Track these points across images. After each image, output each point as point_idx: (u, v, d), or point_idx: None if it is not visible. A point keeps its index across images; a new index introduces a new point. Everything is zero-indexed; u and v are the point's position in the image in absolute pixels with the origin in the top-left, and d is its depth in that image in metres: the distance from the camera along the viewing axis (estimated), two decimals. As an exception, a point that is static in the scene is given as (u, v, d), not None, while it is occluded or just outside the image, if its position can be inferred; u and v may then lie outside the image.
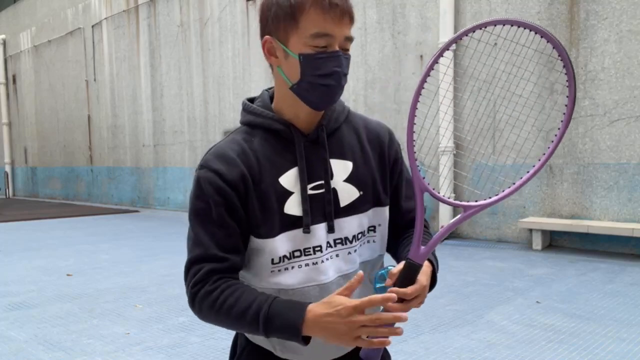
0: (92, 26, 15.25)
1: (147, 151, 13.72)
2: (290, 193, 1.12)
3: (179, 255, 7.04)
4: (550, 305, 4.40)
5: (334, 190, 1.15)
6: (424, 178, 1.09)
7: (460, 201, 1.11)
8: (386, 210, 1.22)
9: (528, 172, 1.14)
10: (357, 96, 8.83)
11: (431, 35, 7.85)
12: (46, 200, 17.89)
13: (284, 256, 1.12)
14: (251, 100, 1.24)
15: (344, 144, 1.19)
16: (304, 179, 1.13)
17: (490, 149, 7.35)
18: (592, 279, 5.23)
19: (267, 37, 1.13)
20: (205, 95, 11.94)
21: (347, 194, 1.16)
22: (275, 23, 1.10)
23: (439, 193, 1.12)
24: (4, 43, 19.92)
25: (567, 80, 1.06)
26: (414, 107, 1.11)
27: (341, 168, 1.17)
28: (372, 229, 1.21)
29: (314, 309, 1.00)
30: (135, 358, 3.50)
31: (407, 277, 1.04)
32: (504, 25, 1.07)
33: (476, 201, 1.09)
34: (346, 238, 1.17)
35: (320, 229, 1.14)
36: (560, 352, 3.41)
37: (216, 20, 11.53)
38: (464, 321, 4.06)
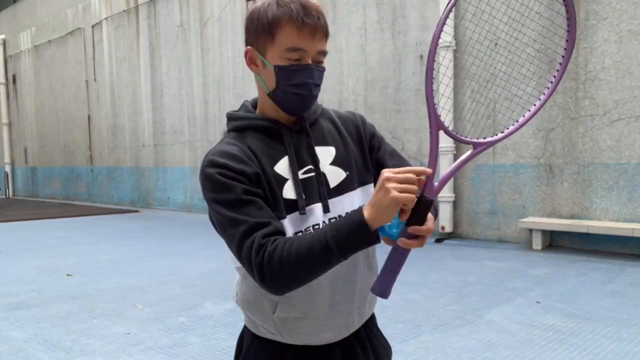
0: (92, 26, 15.25)
1: (147, 151, 13.72)
2: (285, 179, 1.21)
3: (179, 255, 7.04)
4: (550, 305, 4.40)
5: (323, 174, 1.25)
6: (439, 116, 1.14)
7: (471, 140, 1.17)
8: (372, 187, 1.30)
9: (529, 110, 1.18)
10: (357, 96, 8.82)
11: (431, 35, 7.82)
12: (46, 200, 17.88)
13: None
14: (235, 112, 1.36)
15: (324, 132, 1.30)
16: (294, 165, 1.22)
17: (491, 149, 7.35)
18: (592, 279, 5.23)
19: (248, 47, 1.24)
20: (205, 95, 11.94)
21: (335, 175, 1.26)
22: (256, 36, 1.21)
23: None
24: (4, 43, 19.91)
25: (567, 19, 1.16)
26: (434, 49, 1.16)
27: (326, 153, 1.27)
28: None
29: (365, 206, 1.06)
30: (135, 358, 3.50)
31: (421, 213, 1.08)
32: None
33: (485, 138, 1.16)
34: (339, 216, 1.23)
35: (316, 208, 1.22)
36: (560, 352, 3.41)
37: (216, 20, 11.53)
38: (464, 321, 4.06)
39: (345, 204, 1.25)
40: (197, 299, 4.84)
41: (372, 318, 1.40)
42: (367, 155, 1.33)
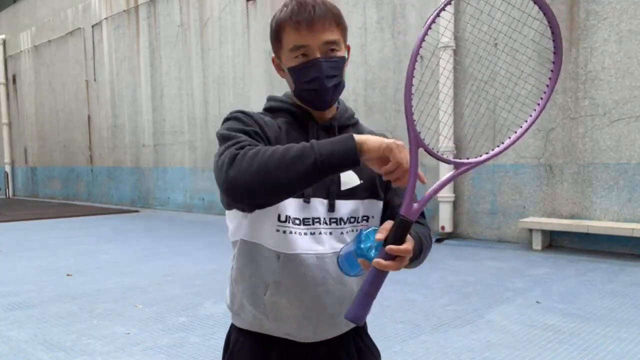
0: (92, 26, 15.25)
1: (147, 151, 13.72)
2: None
3: (179, 255, 7.04)
4: (550, 305, 4.40)
5: (338, 175, 1.24)
6: (419, 133, 1.10)
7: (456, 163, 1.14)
8: (380, 204, 1.31)
9: (516, 131, 1.19)
10: (357, 96, 8.83)
11: (431, 35, 7.81)
12: (46, 200, 17.88)
13: (288, 216, 1.20)
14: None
15: None
16: None
17: (491, 149, 7.35)
18: (592, 279, 5.23)
19: (273, 56, 1.29)
20: (205, 95, 11.94)
21: (349, 179, 1.26)
22: (273, 45, 1.26)
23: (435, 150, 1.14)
24: (4, 43, 19.91)
25: (553, 40, 1.14)
26: (414, 60, 1.11)
27: None
28: (365, 218, 1.29)
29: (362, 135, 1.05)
30: (135, 358, 3.50)
31: (399, 233, 1.04)
32: None
33: (467, 159, 1.14)
34: (340, 219, 1.25)
35: (319, 202, 1.22)
36: (560, 352, 3.41)
37: (216, 20, 11.53)
38: (464, 321, 4.06)
39: (347, 209, 1.25)
40: (197, 299, 4.84)
41: (363, 325, 1.39)
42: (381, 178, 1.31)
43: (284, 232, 1.21)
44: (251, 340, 1.29)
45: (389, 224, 1.06)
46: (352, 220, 1.27)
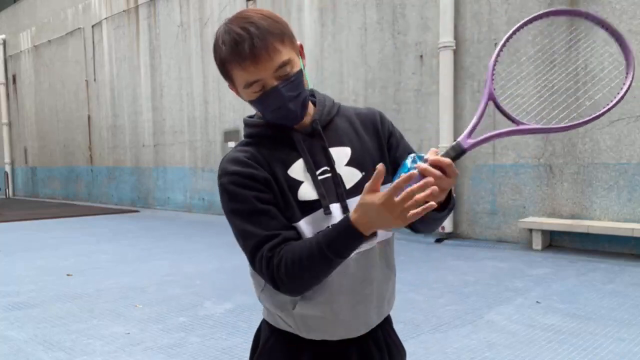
0: (92, 26, 15.26)
1: (147, 151, 13.72)
2: (300, 182, 1.21)
3: (179, 255, 7.04)
4: (550, 305, 4.40)
5: (339, 175, 1.24)
6: (494, 89, 1.19)
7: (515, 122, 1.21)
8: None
9: (586, 117, 1.24)
10: (357, 96, 8.83)
11: (431, 35, 7.85)
12: (46, 200, 17.88)
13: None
14: (251, 117, 1.36)
15: (340, 132, 1.28)
16: (312, 167, 1.21)
17: (491, 149, 7.36)
18: (592, 279, 5.23)
19: (228, 84, 1.25)
20: (205, 95, 11.94)
21: (351, 175, 1.25)
22: (224, 78, 1.23)
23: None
24: (4, 43, 19.92)
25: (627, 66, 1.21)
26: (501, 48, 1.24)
27: (341, 154, 1.26)
28: None
29: (353, 213, 1.07)
30: (135, 358, 3.50)
31: (449, 154, 1.08)
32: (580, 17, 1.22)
33: (529, 123, 1.18)
34: None
35: (336, 208, 1.21)
36: (560, 352, 3.41)
37: (216, 20, 11.53)
38: (464, 321, 4.06)
39: None
40: (197, 299, 4.84)
41: (389, 319, 1.39)
42: (385, 153, 1.31)
43: None
44: (285, 341, 1.28)
45: (435, 149, 1.11)
46: None
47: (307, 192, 1.20)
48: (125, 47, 14.09)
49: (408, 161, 1.08)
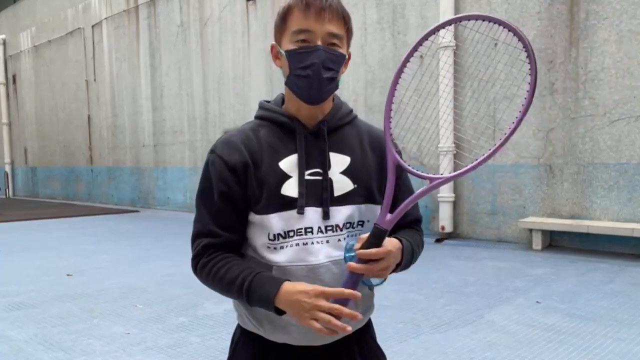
0: (92, 26, 15.25)
1: (147, 151, 13.72)
2: (288, 176, 1.22)
3: (179, 255, 7.04)
4: (550, 305, 4.40)
5: (330, 180, 1.24)
6: (398, 152, 1.22)
7: (433, 175, 1.19)
8: (378, 208, 1.26)
9: (489, 150, 1.18)
10: (357, 96, 8.83)
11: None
12: (46, 200, 17.88)
13: (279, 234, 1.21)
14: (268, 101, 1.37)
15: (345, 141, 1.29)
16: (302, 165, 1.22)
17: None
18: (592, 279, 5.23)
19: (272, 43, 1.26)
20: (205, 95, 11.94)
21: (342, 184, 1.25)
22: (276, 29, 1.24)
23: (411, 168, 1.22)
24: (4, 43, 19.91)
25: (529, 69, 1.14)
26: (395, 81, 1.30)
27: (339, 161, 1.26)
28: (360, 223, 1.28)
29: (290, 285, 1.12)
30: (135, 358, 3.50)
31: (373, 241, 1.12)
32: (475, 20, 1.23)
33: (442, 174, 1.19)
34: (336, 225, 1.24)
35: (312, 212, 1.22)
36: (560, 352, 3.41)
37: (216, 20, 11.53)
38: (464, 321, 4.06)
39: (343, 215, 1.24)
40: (197, 299, 4.84)
41: (368, 329, 1.37)
42: (382, 176, 1.28)
43: (274, 248, 1.22)
44: (252, 343, 1.30)
45: (366, 234, 1.15)
46: (348, 225, 1.25)
47: (291, 188, 1.21)
48: (125, 47, 14.09)
49: (345, 249, 1.19)
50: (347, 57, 1.26)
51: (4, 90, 19.98)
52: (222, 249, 1.23)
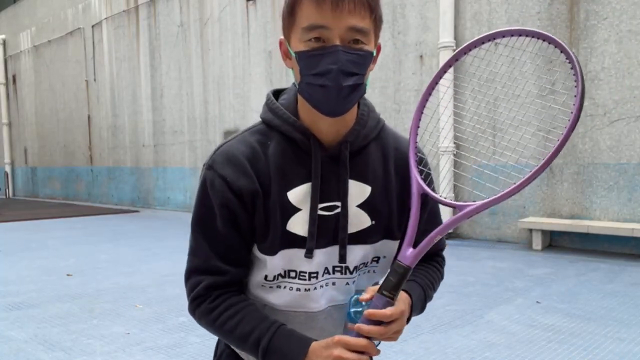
0: (92, 26, 15.26)
1: (147, 151, 13.72)
2: (297, 210, 1.01)
3: (179, 255, 7.03)
4: (550, 305, 4.40)
5: (346, 220, 1.05)
6: (424, 179, 1.07)
7: (458, 201, 1.05)
8: (396, 244, 1.10)
9: (526, 174, 1.06)
10: (357, 96, 8.82)
11: (431, 35, 7.85)
12: (46, 200, 17.88)
13: (279, 274, 1.04)
14: (278, 92, 1.11)
15: (368, 166, 1.07)
16: (316, 199, 1.01)
17: (491, 149, 7.35)
18: (592, 279, 5.23)
19: (280, 38, 1.02)
20: (205, 95, 11.94)
21: (358, 220, 1.05)
22: (284, 23, 1.00)
23: (439, 195, 1.08)
24: (4, 43, 19.92)
25: (575, 81, 0.95)
26: (420, 110, 1.13)
27: (358, 191, 1.05)
28: (375, 259, 1.11)
29: (317, 346, 0.95)
30: (135, 358, 3.50)
31: (394, 282, 0.95)
32: (517, 36, 1.07)
33: (474, 201, 1.00)
34: (347, 268, 1.06)
35: (321, 254, 1.03)
36: (560, 352, 3.41)
37: (216, 20, 11.53)
38: (464, 321, 4.06)
39: (356, 257, 1.06)
40: (197, 299, 4.83)
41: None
42: (405, 201, 1.10)
43: (270, 287, 1.06)
44: (235, 355, 1.18)
45: (376, 286, 0.98)
46: (362, 266, 1.08)
47: (299, 224, 1.01)
48: (125, 47, 14.09)
49: (350, 303, 0.99)
50: (375, 53, 1.03)
51: (4, 90, 19.99)
52: (227, 288, 1.03)
